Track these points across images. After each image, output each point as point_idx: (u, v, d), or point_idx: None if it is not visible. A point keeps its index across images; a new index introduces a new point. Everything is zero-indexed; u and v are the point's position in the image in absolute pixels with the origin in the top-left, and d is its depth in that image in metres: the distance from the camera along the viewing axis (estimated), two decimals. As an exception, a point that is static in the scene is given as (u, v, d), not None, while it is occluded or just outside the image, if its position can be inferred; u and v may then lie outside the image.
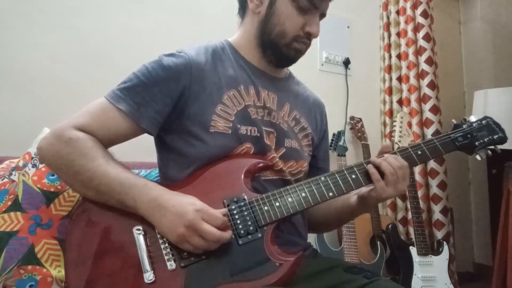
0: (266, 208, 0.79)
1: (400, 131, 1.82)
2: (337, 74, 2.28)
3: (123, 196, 0.75)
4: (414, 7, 2.29)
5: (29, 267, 0.92)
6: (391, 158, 0.85)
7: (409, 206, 2.01)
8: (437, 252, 1.82)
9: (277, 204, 0.80)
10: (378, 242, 1.89)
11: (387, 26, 2.42)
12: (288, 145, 0.93)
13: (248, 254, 0.75)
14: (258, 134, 0.88)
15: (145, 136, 0.87)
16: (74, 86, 1.50)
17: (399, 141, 1.79)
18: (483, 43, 2.67)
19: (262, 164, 0.86)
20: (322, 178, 0.84)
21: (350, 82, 2.29)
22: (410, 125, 2.10)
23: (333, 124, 2.11)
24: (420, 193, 2.12)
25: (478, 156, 0.95)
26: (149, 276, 0.73)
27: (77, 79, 1.51)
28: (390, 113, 2.33)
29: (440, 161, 2.17)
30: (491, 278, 1.87)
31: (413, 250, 1.77)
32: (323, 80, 2.21)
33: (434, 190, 2.15)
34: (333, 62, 2.26)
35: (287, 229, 0.90)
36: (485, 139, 0.93)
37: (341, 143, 2.02)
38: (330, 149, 1.98)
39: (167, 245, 0.75)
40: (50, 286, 0.92)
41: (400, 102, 2.32)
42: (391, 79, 2.37)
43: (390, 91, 2.36)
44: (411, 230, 1.91)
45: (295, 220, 0.93)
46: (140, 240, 0.75)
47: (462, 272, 2.42)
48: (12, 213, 0.95)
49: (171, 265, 0.74)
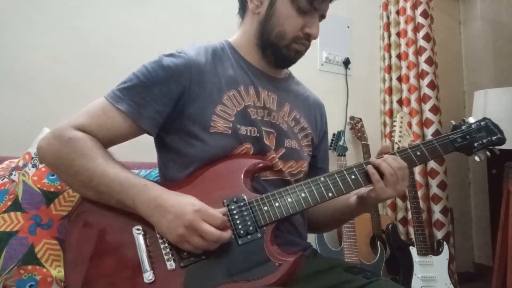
0: (265, 208, 0.79)
1: (400, 131, 1.82)
2: (337, 74, 2.28)
3: (122, 196, 0.75)
4: (414, 7, 2.29)
5: (29, 267, 0.92)
6: (390, 159, 0.85)
7: (409, 206, 2.01)
8: (437, 252, 1.82)
9: (277, 204, 0.80)
10: (378, 242, 1.89)
11: (387, 26, 2.42)
12: (288, 146, 0.93)
13: (248, 254, 0.76)
14: (258, 135, 0.88)
15: (145, 136, 0.87)
16: (74, 86, 1.50)
17: (399, 141, 1.79)
18: (483, 43, 2.67)
19: (262, 164, 0.86)
20: (322, 179, 0.84)
21: (350, 82, 2.29)
22: (410, 125, 2.10)
23: (333, 124, 2.12)
24: (420, 193, 2.12)
25: (476, 157, 0.95)
26: (148, 276, 0.73)
27: (77, 79, 1.51)
28: (390, 113, 2.33)
29: (440, 161, 2.17)
30: (491, 278, 1.87)
31: (413, 250, 1.77)
32: (323, 80, 2.21)
33: (434, 190, 2.15)
34: (333, 62, 2.26)
35: (286, 229, 0.90)
36: (484, 140, 0.94)
37: (341, 143, 2.02)
38: (330, 149, 2.00)
39: (166, 245, 0.75)
40: (50, 286, 0.92)
41: (400, 102, 2.32)
42: (391, 79, 2.37)
43: (390, 91, 2.36)
44: (411, 230, 1.91)
45: (295, 220, 0.93)
46: (140, 240, 0.75)
47: (462, 272, 2.42)
48: (12, 213, 0.95)
49: (170, 265, 0.74)
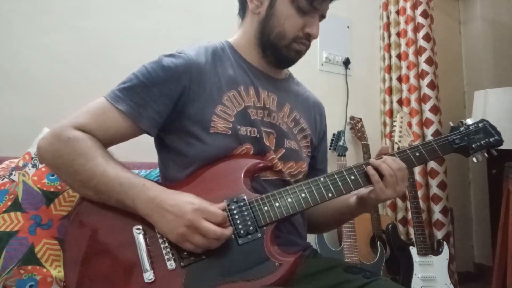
0: (266, 208, 0.79)
1: (400, 131, 1.83)
2: (337, 74, 2.28)
3: (122, 196, 0.75)
4: (414, 7, 2.29)
5: (29, 267, 0.92)
6: (390, 160, 0.86)
7: (409, 206, 2.01)
8: (437, 252, 1.82)
9: (277, 204, 0.80)
10: (378, 242, 1.89)
11: (387, 26, 2.42)
12: (288, 146, 0.93)
13: (248, 254, 0.76)
14: (258, 135, 0.88)
15: (145, 136, 0.87)
16: (74, 86, 1.50)
17: (399, 141, 1.79)
18: (483, 43, 2.67)
19: (262, 165, 0.86)
20: (322, 179, 0.85)
21: (350, 82, 2.29)
22: (410, 125, 2.10)
23: (333, 124, 2.13)
24: (420, 193, 2.12)
25: (474, 159, 0.97)
26: (149, 276, 0.73)
27: (77, 79, 1.51)
28: (390, 113, 2.33)
29: (440, 161, 2.17)
30: (491, 278, 1.87)
31: (413, 250, 1.77)
32: (323, 80, 2.21)
33: (434, 190, 2.15)
34: (333, 62, 2.26)
35: (286, 229, 0.90)
36: (482, 142, 0.95)
37: (341, 143, 2.02)
38: (330, 149, 2.00)
39: (167, 244, 0.75)
40: (50, 286, 0.92)
41: (400, 102, 2.32)
42: (391, 79, 2.37)
43: (390, 91, 2.36)
44: (411, 230, 1.91)
45: (295, 220, 0.93)
46: (140, 239, 0.75)
47: (462, 272, 2.42)
48: (12, 213, 0.95)
49: (171, 264, 0.74)
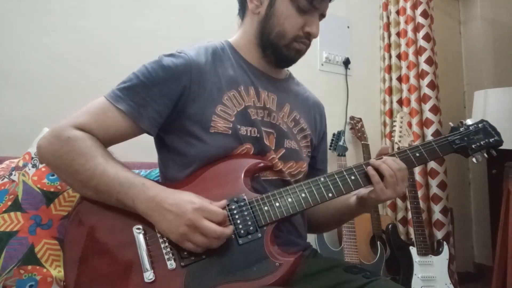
0: (266, 208, 0.79)
1: (400, 131, 1.83)
2: (337, 74, 2.28)
3: (122, 195, 0.75)
4: (414, 7, 2.29)
5: (29, 267, 0.92)
6: (390, 160, 0.86)
7: (409, 206, 2.01)
8: (437, 252, 1.82)
9: (277, 204, 0.80)
10: (378, 242, 1.89)
11: (387, 26, 2.42)
12: (288, 146, 0.93)
13: (248, 254, 0.76)
14: (258, 135, 0.88)
15: (145, 136, 0.87)
16: (74, 86, 1.50)
17: (399, 141, 1.79)
18: (483, 43, 2.67)
19: (262, 164, 0.86)
20: (322, 179, 0.85)
21: (350, 82, 2.29)
22: (410, 125, 2.10)
23: (333, 124, 2.13)
24: (420, 193, 2.12)
25: (474, 159, 0.97)
26: (149, 276, 0.73)
27: (77, 79, 1.51)
28: (390, 113, 2.33)
29: (440, 161, 2.17)
30: (491, 278, 1.87)
31: (413, 250, 1.77)
32: (323, 80, 2.21)
33: (434, 190, 2.15)
34: (333, 62, 2.26)
35: (287, 229, 0.90)
36: (481, 142, 0.95)
37: (341, 143, 2.02)
38: (330, 149, 2.00)
39: (167, 244, 0.75)
40: (50, 286, 0.92)
41: (400, 102, 2.32)
42: (391, 79, 2.37)
43: (390, 91, 2.36)
44: (411, 230, 1.91)
45: (295, 220, 0.93)
46: (140, 239, 0.75)
47: (462, 272, 2.42)
48: (12, 213, 0.95)
49: (171, 264, 0.74)
